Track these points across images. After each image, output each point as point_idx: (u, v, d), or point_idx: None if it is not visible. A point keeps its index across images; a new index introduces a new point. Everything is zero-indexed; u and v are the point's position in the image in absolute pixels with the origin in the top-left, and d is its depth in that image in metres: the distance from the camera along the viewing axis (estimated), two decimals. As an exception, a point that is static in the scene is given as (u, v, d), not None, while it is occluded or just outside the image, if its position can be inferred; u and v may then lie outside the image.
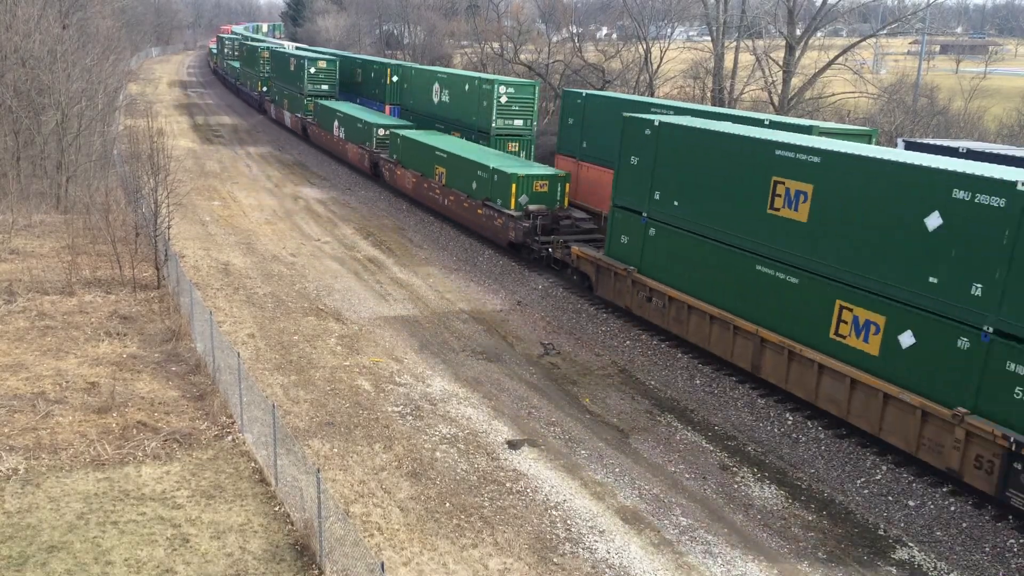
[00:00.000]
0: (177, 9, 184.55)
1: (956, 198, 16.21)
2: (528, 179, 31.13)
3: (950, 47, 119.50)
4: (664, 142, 23.94)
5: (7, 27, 35.63)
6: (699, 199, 22.75)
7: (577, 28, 73.39)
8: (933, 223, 16.62)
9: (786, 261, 20.03)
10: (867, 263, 18.04)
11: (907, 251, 17.19)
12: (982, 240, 15.85)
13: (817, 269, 19.22)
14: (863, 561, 15.18)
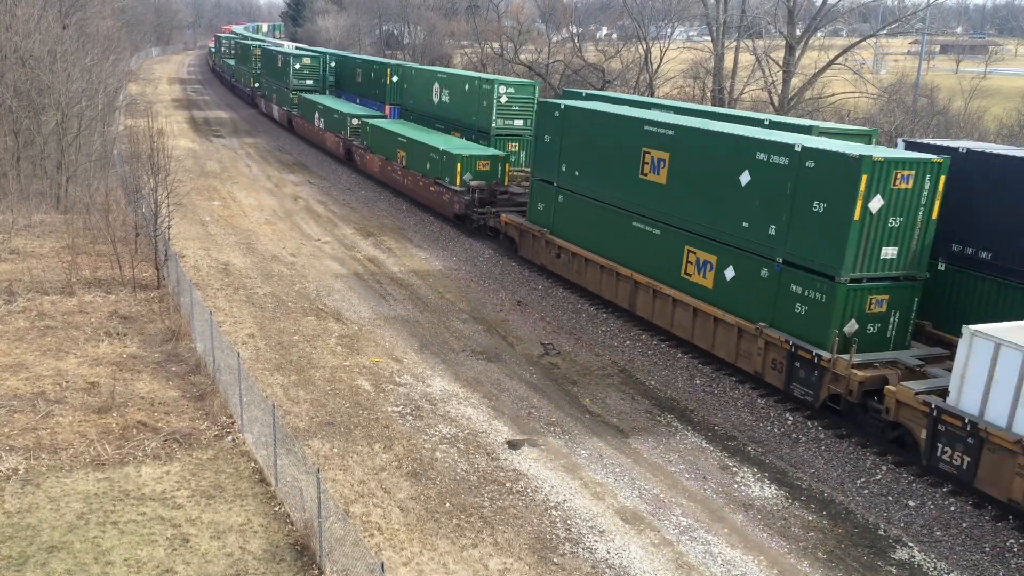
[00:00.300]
0: (177, 9, 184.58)
1: (759, 159, 20.93)
2: (471, 159, 35.87)
3: (950, 47, 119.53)
4: (568, 122, 28.58)
5: (7, 27, 35.63)
6: (593, 170, 27.47)
7: (577, 28, 73.43)
8: (744, 179, 21.42)
9: (651, 216, 24.82)
10: (704, 215, 22.78)
11: (729, 203, 21.89)
12: (775, 191, 20.51)
13: (672, 222, 24.00)
14: (863, 561, 15.18)
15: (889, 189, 18.75)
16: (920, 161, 18.99)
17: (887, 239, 19.11)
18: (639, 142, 25.04)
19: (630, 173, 25.42)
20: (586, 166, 27.79)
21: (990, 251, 19.79)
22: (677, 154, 23.66)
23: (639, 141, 25.04)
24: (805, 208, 19.67)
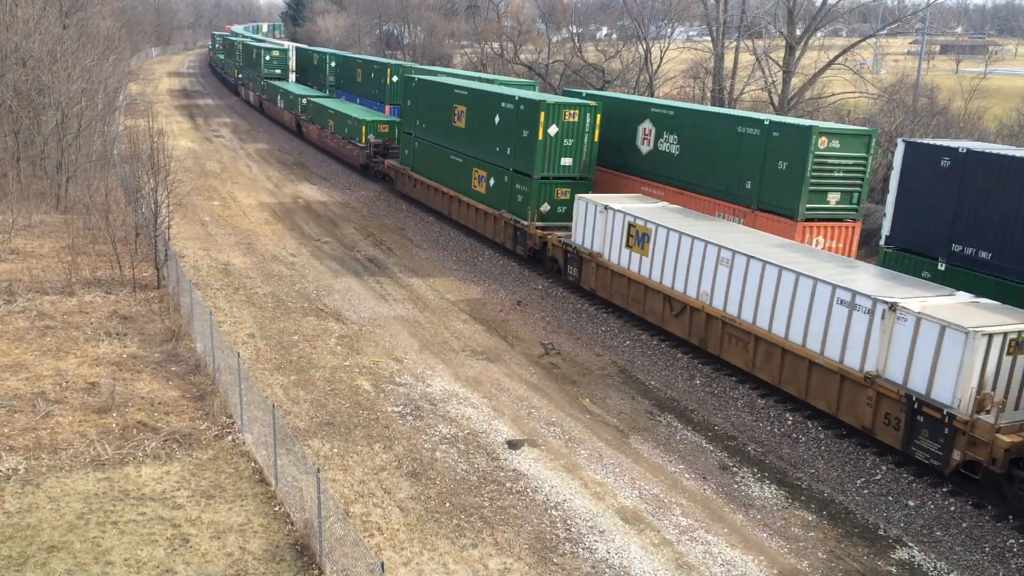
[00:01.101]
0: (177, 9, 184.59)
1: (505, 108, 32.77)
2: (374, 123, 48.47)
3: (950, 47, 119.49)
4: (418, 89, 40.77)
5: (7, 27, 35.62)
6: (431, 122, 39.42)
7: (577, 28, 73.42)
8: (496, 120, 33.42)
9: (459, 151, 36.57)
10: (480, 147, 34.66)
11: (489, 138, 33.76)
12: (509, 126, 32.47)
13: (466, 152, 35.85)
14: (863, 561, 15.18)
15: (562, 122, 30.22)
16: (581, 104, 30.64)
17: (564, 153, 30.69)
18: (452, 101, 36.96)
19: (449, 123, 37.33)
20: (427, 120, 39.86)
21: (990, 251, 19.79)
22: (469, 108, 35.53)
23: (452, 100, 36.97)
24: (519, 137, 31.35)
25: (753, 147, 26.37)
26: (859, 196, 25.58)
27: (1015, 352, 16.35)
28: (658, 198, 29.74)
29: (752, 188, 26.45)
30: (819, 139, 24.50)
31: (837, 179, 25.09)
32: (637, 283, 25.28)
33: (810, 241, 25.12)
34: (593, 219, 27.07)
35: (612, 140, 32.87)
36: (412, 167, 41.37)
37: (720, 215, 27.42)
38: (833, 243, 25.46)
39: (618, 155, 32.79)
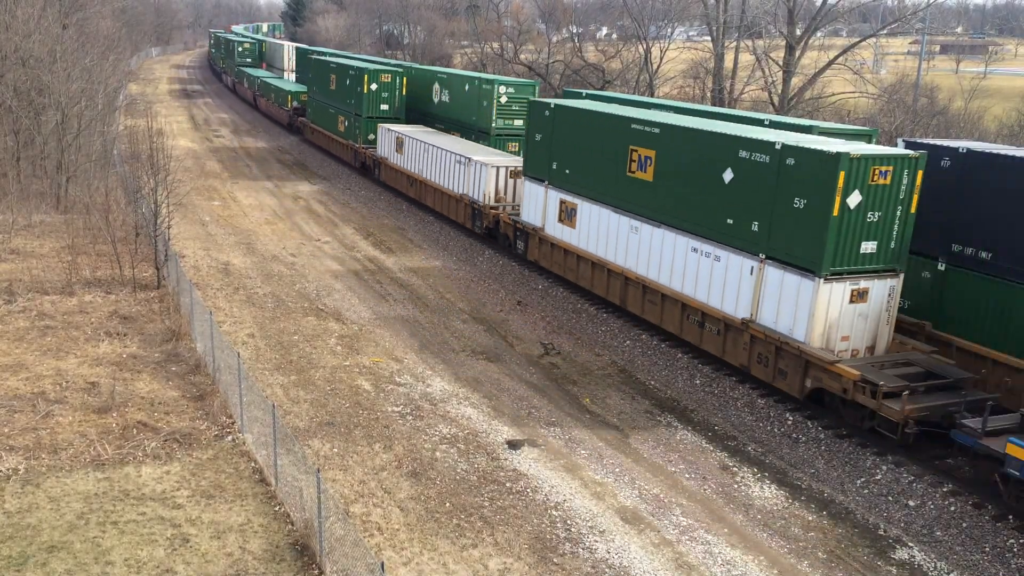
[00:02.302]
0: (177, 9, 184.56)
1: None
2: (296, 93, 64.67)
3: (950, 47, 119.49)
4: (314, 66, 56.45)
5: (7, 27, 35.62)
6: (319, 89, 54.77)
7: (577, 28, 73.44)
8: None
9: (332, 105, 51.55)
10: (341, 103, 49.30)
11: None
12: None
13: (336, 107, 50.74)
14: (863, 561, 15.18)
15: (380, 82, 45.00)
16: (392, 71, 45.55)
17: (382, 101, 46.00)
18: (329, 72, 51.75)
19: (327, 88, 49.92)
20: (318, 86, 55.39)
21: (990, 251, 19.79)
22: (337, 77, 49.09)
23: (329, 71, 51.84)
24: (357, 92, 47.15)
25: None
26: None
27: (515, 176, 33.98)
28: None
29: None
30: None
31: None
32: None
33: None
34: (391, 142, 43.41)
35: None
36: (311, 120, 58.06)
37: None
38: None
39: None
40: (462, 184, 35.53)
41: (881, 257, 19.59)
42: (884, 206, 19.22)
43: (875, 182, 18.94)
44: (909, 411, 17.47)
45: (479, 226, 34.94)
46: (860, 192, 18.90)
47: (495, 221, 33.82)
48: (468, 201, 35.31)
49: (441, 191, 37.65)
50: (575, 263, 28.22)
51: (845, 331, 19.57)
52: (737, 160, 21.10)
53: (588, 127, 27.29)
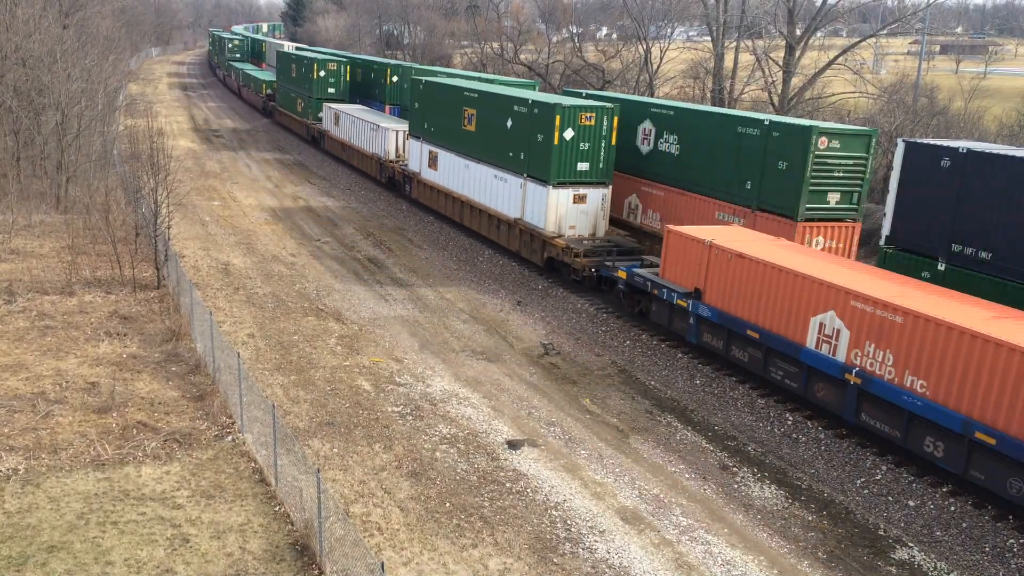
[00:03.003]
0: (177, 9, 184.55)
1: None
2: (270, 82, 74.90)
3: (950, 47, 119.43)
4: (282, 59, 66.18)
5: (7, 27, 35.61)
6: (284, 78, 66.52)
7: (577, 28, 73.41)
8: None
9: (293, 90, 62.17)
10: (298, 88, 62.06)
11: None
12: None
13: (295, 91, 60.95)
14: (863, 561, 15.18)
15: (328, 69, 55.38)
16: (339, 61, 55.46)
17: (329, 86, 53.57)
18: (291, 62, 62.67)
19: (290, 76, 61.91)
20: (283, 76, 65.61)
21: (990, 251, 19.80)
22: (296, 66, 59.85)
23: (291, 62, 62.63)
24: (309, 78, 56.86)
25: (753, 147, 26.32)
26: (859, 196, 25.57)
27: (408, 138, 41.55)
28: (658, 199, 29.84)
29: (752, 188, 26.40)
30: (819, 139, 24.50)
31: (837, 179, 25.08)
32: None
33: (810, 242, 25.11)
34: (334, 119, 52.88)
35: None
36: (279, 104, 69.00)
37: (720, 215, 27.39)
38: (833, 243, 25.45)
39: (619, 155, 32.61)
40: (374, 145, 46.26)
41: (592, 173, 29.81)
42: (591, 139, 29.45)
43: (584, 123, 29.20)
44: (586, 263, 28.12)
45: (383, 176, 45.76)
46: (573, 129, 29.08)
47: (389, 175, 44.93)
48: (377, 158, 45.94)
49: (361, 152, 48.25)
50: (439, 197, 38.34)
51: (572, 222, 29.88)
52: (514, 112, 31.25)
53: (443, 96, 37.32)
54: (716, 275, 22.05)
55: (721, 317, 21.86)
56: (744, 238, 23.05)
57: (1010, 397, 15.32)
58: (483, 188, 33.80)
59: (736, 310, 21.45)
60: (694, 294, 22.81)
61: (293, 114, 63.58)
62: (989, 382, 15.69)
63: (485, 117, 33.29)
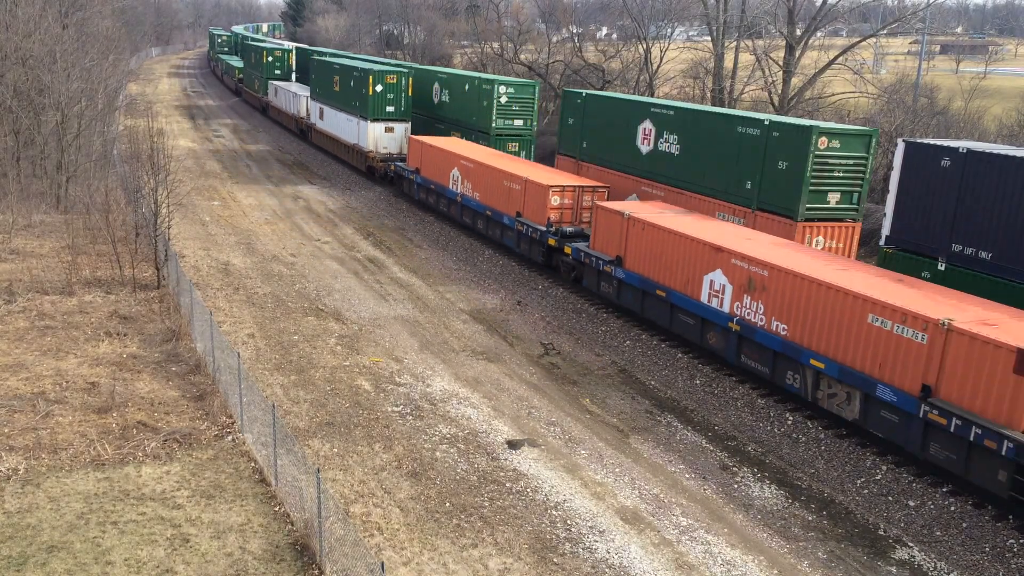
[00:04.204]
0: (177, 9, 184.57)
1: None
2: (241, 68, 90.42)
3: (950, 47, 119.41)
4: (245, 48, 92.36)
5: (7, 27, 35.61)
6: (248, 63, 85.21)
7: (577, 28, 73.38)
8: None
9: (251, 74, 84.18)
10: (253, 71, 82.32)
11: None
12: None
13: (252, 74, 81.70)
14: (863, 561, 15.18)
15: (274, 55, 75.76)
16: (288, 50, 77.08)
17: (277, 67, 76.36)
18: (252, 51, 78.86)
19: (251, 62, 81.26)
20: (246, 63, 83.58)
21: (990, 251, 19.80)
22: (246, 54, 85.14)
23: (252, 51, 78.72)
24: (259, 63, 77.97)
25: (753, 147, 26.33)
26: (859, 196, 25.56)
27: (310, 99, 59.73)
28: (658, 199, 29.84)
29: (752, 188, 26.41)
30: (819, 139, 24.49)
31: (837, 179, 25.08)
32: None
33: (810, 242, 25.12)
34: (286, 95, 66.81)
35: (611, 139, 32.94)
36: (245, 86, 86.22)
37: (720, 215, 27.39)
38: (833, 243, 25.45)
39: (618, 155, 32.75)
40: (293, 108, 63.59)
41: (396, 114, 46.17)
42: (395, 92, 45.92)
43: (388, 82, 45.63)
44: (382, 165, 44.73)
45: (298, 128, 62.86)
46: (382, 85, 45.44)
47: (300, 127, 61.79)
48: (294, 117, 63.13)
49: (286, 114, 66.40)
50: (325, 139, 55.17)
51: (384, 144, 46.19)
52: (354, 76, 47.63)
53: (322, 68, 55.17)
54: (633, 244, 25.52)
55: (637, 280, 25.25)
56: (658, 211, 26.57)
57: (836, 330, 18.71)
58: (342, 127, 50.71)
59: (648, 273, 24.89)
60: (615, 261, 26.11)
61: (253, 92, 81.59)
62: (824, 320, 19.01)
63: (343, 80, 50.21)
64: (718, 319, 22.10)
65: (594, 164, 34.17)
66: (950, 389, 16.48)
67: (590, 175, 33.91)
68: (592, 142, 34.36)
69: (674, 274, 23.75)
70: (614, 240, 26.27)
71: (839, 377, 18.61)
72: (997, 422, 15.63)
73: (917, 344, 16.96)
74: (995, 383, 15.65)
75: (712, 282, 22.33)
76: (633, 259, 25.40)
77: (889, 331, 17.50)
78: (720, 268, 22.05)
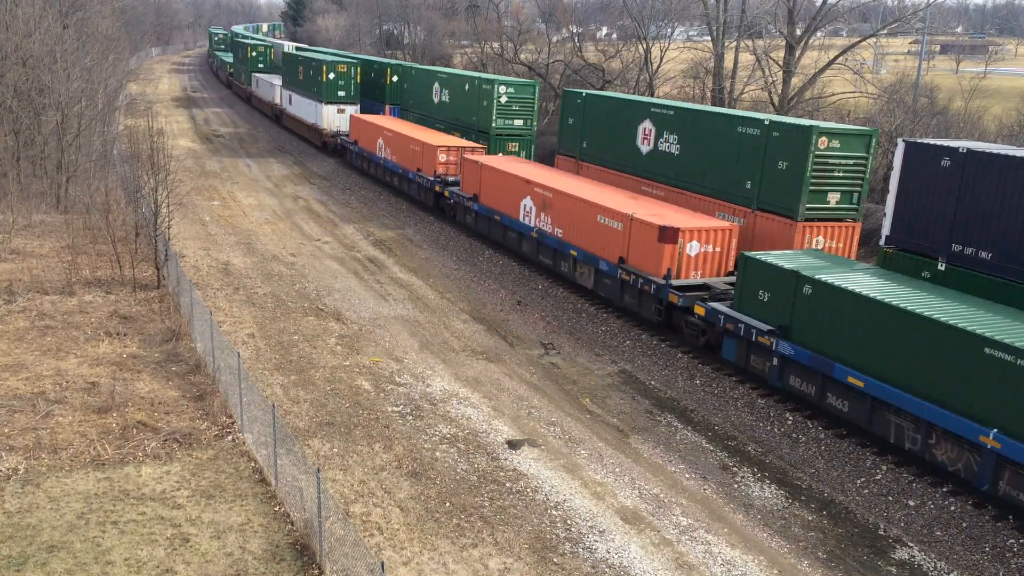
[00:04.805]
0: (177, 9, 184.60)
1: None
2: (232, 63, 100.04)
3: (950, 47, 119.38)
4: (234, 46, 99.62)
5: (7, 27, 35.60)
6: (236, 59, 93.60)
7: (577, 28, 73.35)
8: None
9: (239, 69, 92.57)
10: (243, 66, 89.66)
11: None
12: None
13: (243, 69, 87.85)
14: (863, 561, 15.18)
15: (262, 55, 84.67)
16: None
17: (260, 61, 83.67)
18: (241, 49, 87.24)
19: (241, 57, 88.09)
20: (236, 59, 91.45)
21: (990, 251, 19.79)
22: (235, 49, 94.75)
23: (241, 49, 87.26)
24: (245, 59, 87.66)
25: (753, 147, 26.33)
26: (859, 196, 25.55)
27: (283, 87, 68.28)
28: (658, 199, 29.84)
29: (752, 188, 26.41)
30: (819, 139, 24.49)
31: (837, 179, 25.08)
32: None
33: (810, 242, 25.11)
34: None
35: (611, 139, 32.92)
36: (235, 80, 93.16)
37: (721, 215, 27.38)
38: (833, 243, 25.44)
39: (618, 155, 32.73)
40: (268, 95, 72.72)
41: (347, 97, 54.09)
42: (346, 79, 53.64)
43: (340, 71, 53.53)
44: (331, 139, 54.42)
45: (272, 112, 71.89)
46: (334, 73, 53.34)
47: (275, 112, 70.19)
48: (271, 104, 71.39)
49: (264, 100, 75.25)
50: (293, 122, 62.77)
51: (337, 123, 53.75)
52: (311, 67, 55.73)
53: (291, 61, 62.78)
54: (484, 184, 34.18)
55: (485, 210, 33.94)
56: (505, 160, 35.74)
57: (583, 228, 27.65)
58: (304, 110, 59.20)
59: (492, 204, 33.57)
60: (473, 198, 34.88)
61: (240, 83, 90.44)
62: (577, 223, 27.91)
63: (305, 71, 58.48)
64: (526, 231, 31.06)
65: (594, 164, 34.21)
66: (633, 257, 25.19)
67: (590, 175, 33.97)
68: (592, 142, 34.37)
69: (504, 203, 32.52)
70: (473, 183, 35.15)
71: (584, 259, 27.55)
72: (651, 274, 24.28)
73: (618, 231, 25.78)
74: (651, 249, 24.22)
75: (524, 205, 31.23)
76: (484, 196, 34.21)
77: (606, 225, 26.33)
78: (529, 195, 30.89)
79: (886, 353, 17.47)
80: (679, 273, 24.10)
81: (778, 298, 20.18)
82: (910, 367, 17.02)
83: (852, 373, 18.10)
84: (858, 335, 18.06)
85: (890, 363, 17.39)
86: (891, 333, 17.36)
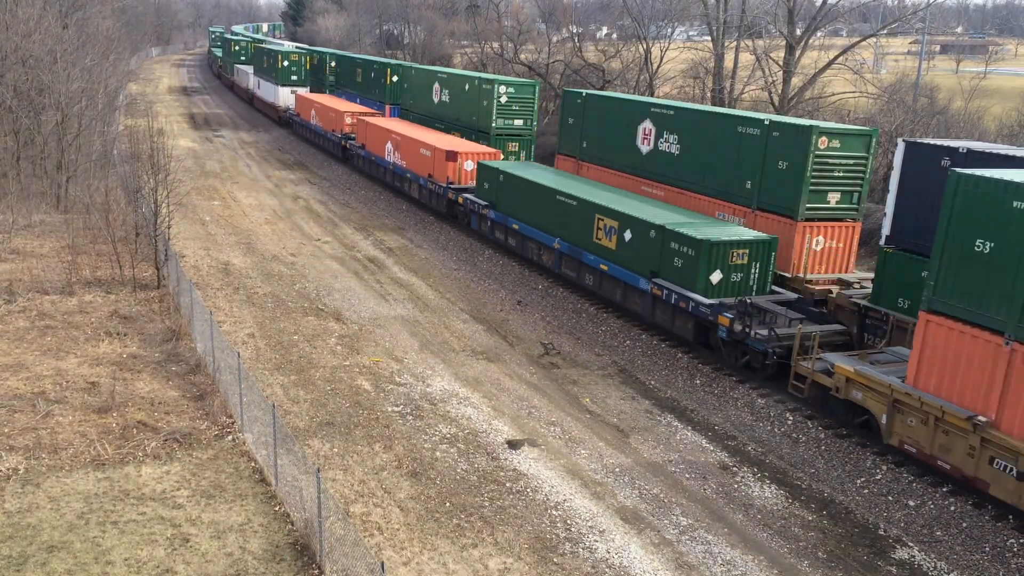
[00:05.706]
0: (177, 9, 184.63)
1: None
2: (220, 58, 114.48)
3: (950, 47, 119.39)
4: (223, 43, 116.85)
5: (7, 27, 35.60)
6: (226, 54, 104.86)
7: (577, 28, 73.38)
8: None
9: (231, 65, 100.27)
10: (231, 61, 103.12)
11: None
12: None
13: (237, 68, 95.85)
14: (863, 561, 15.18)
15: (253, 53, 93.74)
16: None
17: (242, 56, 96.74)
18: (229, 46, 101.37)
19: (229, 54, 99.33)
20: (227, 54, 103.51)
21: None
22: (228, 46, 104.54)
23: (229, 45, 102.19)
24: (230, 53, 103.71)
25: (753, 147, 26.33)
26: (859, 196, 25.55)
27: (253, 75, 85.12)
28: (659, 199, 29.87)
29: (752, 188, 26.41)
30: (819, 139, 24.50)
31: (837, 179, 25.08)
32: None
33: (810, 241, 25.11)
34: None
35: (611, 139, 32.93)
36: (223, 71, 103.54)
37: (720, 215, 27.39)
38: (833, 243, 25.44)
39: (618, 155, 32.73)
40: (243, 82, 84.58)
41: (298, 81, 69.39)
42: (298, 66, 69.57)
43: (293, 59, 69.70)
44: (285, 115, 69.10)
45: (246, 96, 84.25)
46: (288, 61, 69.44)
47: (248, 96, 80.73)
48: (245, 88, 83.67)
49: (240, 87, 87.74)
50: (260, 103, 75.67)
51: (290, 103, 67.52)
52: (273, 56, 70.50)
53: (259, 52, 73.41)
54: (369, 136, 47.15)
55: (367, 154, 47.09)
56: (385, 119, 49.75)
57: (414, 158, 40.49)
58: (267, 92, 71.96)
59: (371, 149, 46.73)
60: (361, 146, 48.08)
61: (226, 75, 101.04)
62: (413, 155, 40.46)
63: (267, 60, 71.32)
64: (387, 165, 43.93)
65: (594, 164, 34.21)
66: (436, 173, 37.98)
67: (590, 175, 34.00)
68: (592, 142, 34.38)
69: (377, 147, 45.58)
70: (362, 136, 48.20)
71: (413, 179, 40.49)
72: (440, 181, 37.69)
73: (428, 157, 38.48)
74: (443, 166, 37.36)
75: (387, 147, 44.02)
76: (368, 145, 47.20)
77: (427, 155, 38.61)
78: (389, 141, 43.63)
79: (529, 210, 31.28)
80: (459, 180, 37.73)
81: (491, 186, 34.03)
82: (537, 216, 30.86)
83: (515, 222, 32.14)
84: (519, 201, 32.06)
85: (530, 216, 31.22)
86: (532, 200, 31.11)
